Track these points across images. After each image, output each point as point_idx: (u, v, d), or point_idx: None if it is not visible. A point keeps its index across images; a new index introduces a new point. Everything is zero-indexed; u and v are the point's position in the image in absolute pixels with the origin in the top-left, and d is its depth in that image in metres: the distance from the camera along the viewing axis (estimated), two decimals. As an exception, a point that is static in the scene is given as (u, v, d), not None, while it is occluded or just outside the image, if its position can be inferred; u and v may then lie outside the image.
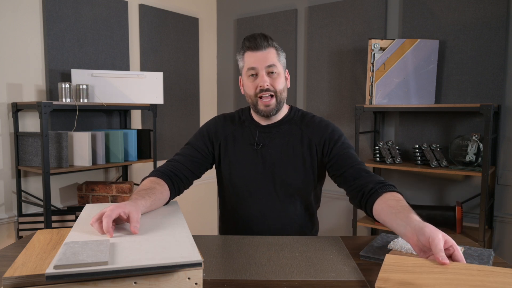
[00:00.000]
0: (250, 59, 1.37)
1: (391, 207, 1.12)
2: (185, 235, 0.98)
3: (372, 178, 1.26)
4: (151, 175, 1.36)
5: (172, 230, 1.02)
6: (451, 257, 0.93)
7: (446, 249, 0.92)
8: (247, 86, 1.40)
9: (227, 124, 1.49)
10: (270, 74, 1.36)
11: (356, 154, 1.39)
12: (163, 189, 1.29)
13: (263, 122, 1.45)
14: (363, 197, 1.25)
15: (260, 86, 1.35)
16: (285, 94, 1.41)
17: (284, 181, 1.41)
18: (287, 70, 1.45)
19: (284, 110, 1.47)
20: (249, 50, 1.37)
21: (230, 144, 1.46)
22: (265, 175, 1.41)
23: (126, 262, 0.80)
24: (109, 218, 0.96)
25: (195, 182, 1.48)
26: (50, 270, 0.75)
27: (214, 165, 1.53)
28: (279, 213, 1.43)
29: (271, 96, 1.36)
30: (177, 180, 1.37)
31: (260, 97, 1.36)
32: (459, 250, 0.93)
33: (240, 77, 1.47)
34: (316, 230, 1.56)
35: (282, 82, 1.38)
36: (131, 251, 0.86)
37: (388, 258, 0.97)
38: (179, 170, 1.39)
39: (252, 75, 1.37)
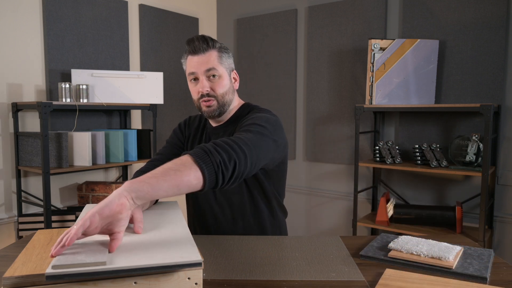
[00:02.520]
0: (190, 63, 1.35)
1: None
2: (185, 235, 0.98)
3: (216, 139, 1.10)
4: (135, 176, 1.34)
5: (172, 230, 1.02)
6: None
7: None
8: (191, 91, 1.39)
9: (192, 124, 1.51)
10: (211, 78, 1.33)
11: (254, 129, 1.18)
12: None
13: (214, 123, 1.44)
14: None
15: (200, 91, 1.34)
16: (229, 97, 1.37)
17: (226, 191, 1.38)
18: (234, 71, 1.42)
19: (234, 109, 1.43)
20: (190, 54, 1.35)
21: (189, 145, 1.48)
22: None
23: (126, 262, 0.80)
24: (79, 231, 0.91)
25: None
26: (49, 270, 0.75)
27: None
28: (226, 209, 1.40)
29: (212, 99, 1.34)
30: None
31: (203, 100, 1.35)
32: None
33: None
34: (279, 227, 1.48)
35: (224, 85, 1.35)
36: (131, 251, 0.86)
37: (388, 271, 0.98)
38: None
39: (193, 79, 1.36)
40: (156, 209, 1.25)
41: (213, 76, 1.33)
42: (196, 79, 1.35)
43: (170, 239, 0.95)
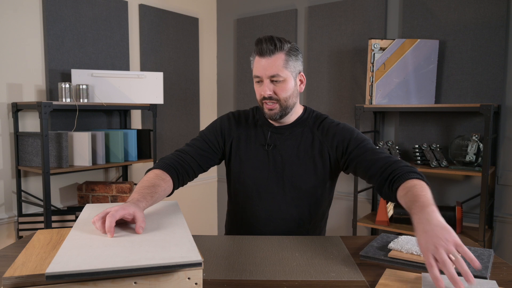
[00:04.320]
0: (256, 65, 1.35)
1: (406, 197, 1.09)
2: (185, 235, 0.98)
3: (394, 166, 1.21)
4: (157, 166, 1.34)
5: (172, 230, 1.02)
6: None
7: (441, 261, 0.83)
8: (255, 90, 1.40)
9: (241, 122, 1.48)
10: (274, 82, 1.33)
11: (372, 144, 1.34)
12: (167, 186, 1.29)
13: (276, 123, 1.44)
14: (387, 186, 1.21)
15: (262, 95, 1.35)
16: (293, 100, 1.37)
17: (293, 183, 1.39)
18: (301, 74, 1.40)
19: (298, 111, 1.44)
20: (257, 55, 1.35)
21: (242, 143, 1.45)
22: (275, 176, 1.40)
23: (126, 262, 0.80)
24: (112, 218, 0.96)
25: (195, 181, 1.47)
26: (50, 270, 0.75)
27: (224, 162, 1.52)
28: (286, 216, 1.41)
29: (274, 102, 1.35)
30: (183, 172, 1.37)
31: (265, 102, 1.36)
32: (459, 259, 0.84)
33: None
34: (323, 235, 1.54)
35: (288, 89, 1.34)
36: (131, 251, 0.86)
37: (388, 271, 0.98)
38: (187, 162, 1.38)
39: (258, 81, 1.37)
40: (156, 209, 1.25)
41: (277, 81, 1.33)
42: (260, 81, 1.35)
43: (170, 239, 0.95)
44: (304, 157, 1.39)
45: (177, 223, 1.08)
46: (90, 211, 1.19)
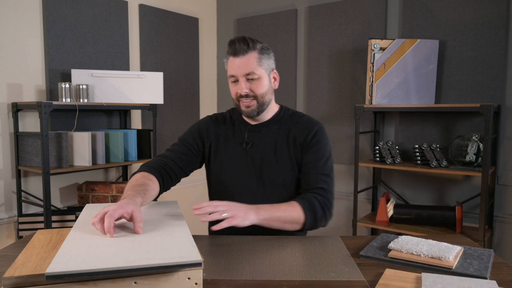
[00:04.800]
0: (231, 65, 1.39)
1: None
2: (185, 235, 0.98)
3: (310, 192, 1.36)
4: (141, 169, 1.38)
5: (172, 230, 1.02)
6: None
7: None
8: (230, 90, 1.44)
9: (218, 124, 1.52)
10: (250, 80, 1.38)
11: (326, 163, 1.41)
12: (155, 186, 1.32)
13: (252, 121, 1.48)
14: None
15: (239, 93, 1.39)
16: (269, 96, 1.43)
17: (271, 179, 1.43)
18: (274, 71, 1.46)
19: (274, 109, 1.50)
20: (231, 56, 1.39)
21: (220, 144, 1.49)
22: (253, 173, 1.44)
23: (126, 262, 0.80)
24: (111, 218, 0.96)
25: (192, 182, 1.48)
26: (50, 270, 0.75)
27: (204, 164, 1.55)
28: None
29: (251, 99, 1.40)
30: (166, 176, 1.41)
31: (241, 100, 1.41)
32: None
33: None
34: (300, 232, 1.52)
35: (264, 86, 1.40)
36: (131, 251, 0.86)
37: (388, 271, 0.98)
38: (169, 166, 1.42)
39: (233, 81, 1.41)
40: (156, 209, 1.25)
41: (252, 78, 1.37)
42: (236, 80, 1.39)
43: (170, 239, 0.95)
44: (281, 152, 1.43)
45: (177, 223, 1.08)
46: (90, 211, 1.19)
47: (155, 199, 1.37)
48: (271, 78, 1.45)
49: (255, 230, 1.32)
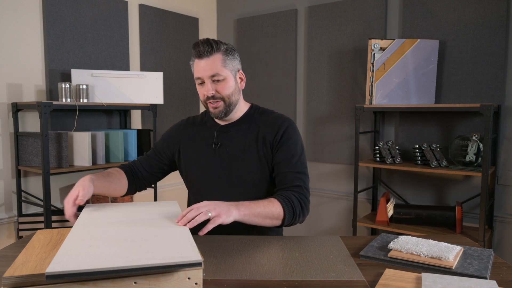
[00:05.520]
0: (196, 67, 1.40)
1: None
2: (185, 235, 0.98)
3: (287, 190, 1.37)
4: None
5: (172, 230, 1.02)
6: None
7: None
8: (198, 92, 1.45)
9: (189, 126, 1.56)
10: (216, 82, 1.39)
11: (299, 160, 1.41)
12: (121, 176, 1.48)
13: (222, 122, 1.49)
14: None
15: (205, 95, 1.40)
16: (235, 97, 1.43)
17: (240, 179, 1.43)
18: (240, 72, 1.46)
19: (243, 109, 1.50)
20: (196, 58, 1.40)
21: (191, 145, 1.51)
22: (223, 174, 1.45)
23: (126, 262, 0.80)
24: (68, 205, 1.23)
25: (178, 185, 1.50)
26: (50, 269, 0.75)
27: (177, 168, 1.59)
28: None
29: (218, 100, 1.41)
30: (136, 177, 1.54)
31: (209, 102, 1.42)
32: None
33: None
34: (278, 229, 1.51)
35: (229, 87, 1.40)
36: (131, 251, 0.86)
37: (388, 271, 0.98)
38: (137, 169, 1.55)
39: (200, 83, 1.42)
40: (156, 208, 1.25)
41: (218, 80, 1.38)
42: (202, 82, 1.40)
43: (170, 239, 0.95)
44: (250, 151, 1.43)
45: (177, 224, 1.08)
46: (90, 212, 1.20)
47: (126, 194, 1.51)
48: (237, 79, 1.45)
49: (237, 227, 1.31)
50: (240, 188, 1.43)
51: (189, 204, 1.55)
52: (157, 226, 1.05)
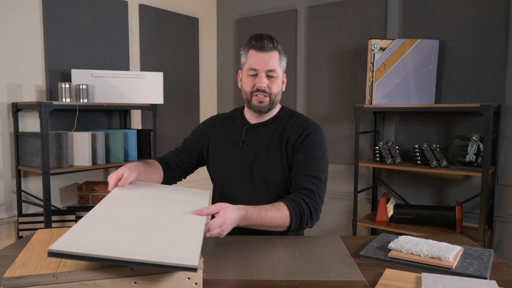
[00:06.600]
0: (253, 58, 1.41)
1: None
2: (196, 233, 0.95)
3: (298, 193, 1.34)
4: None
5: (187, 224, 1.00)
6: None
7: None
8: (245, 83, 1.45)
9: (218, 123, 1.58)
10: (269, 77, 1.41)
11: (317, 165, 1.40)
12: (159, 167, 1.52)
13: (253, 120, 1.51)
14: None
15: (257, 86, 1.41)
16: (279, 97, 1.47)
17: (261, 178, 1.44)
18: (285, 74, 1.50)
19: (275, 109, 1.53)
20: (254, 49, 1.41)
21: (219, 142, 1.53)
22: (245, 171, 1.46)
23: (124, 253, 0.79)
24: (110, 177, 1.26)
25: (205, 180, 1.51)
26: (53, 247, 0.78)
27: (205, 163, 1.61)
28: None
29: (266, 96, 1.43)
30: (169, 170, 1.56)
31: (256, 95, 1.42)
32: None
33: (240, 71, 1.51)
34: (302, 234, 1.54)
35: (278, 85, 1.44)
36: (135, 242, 0.85)
37: (388, 271, 0.98)
38: (170, 163, 1.58)
39: (252, 74, 1.42)
40: (186, 197, 1.24)
41: (272, 76, 1.42)
42: (255, 74, 1.42)
43: (179, 234, 0.93)
44: (274, 151, 1.45)
45: (196, 219, 1.05)
46: (122, 189, 1.21)
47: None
48: (283, 80, 1.49)
49: (240, 230, 1.32)
50: (260, 187, 1.45)
51: (213, 200, 1.57)
52: (175, 217, 1.04)
